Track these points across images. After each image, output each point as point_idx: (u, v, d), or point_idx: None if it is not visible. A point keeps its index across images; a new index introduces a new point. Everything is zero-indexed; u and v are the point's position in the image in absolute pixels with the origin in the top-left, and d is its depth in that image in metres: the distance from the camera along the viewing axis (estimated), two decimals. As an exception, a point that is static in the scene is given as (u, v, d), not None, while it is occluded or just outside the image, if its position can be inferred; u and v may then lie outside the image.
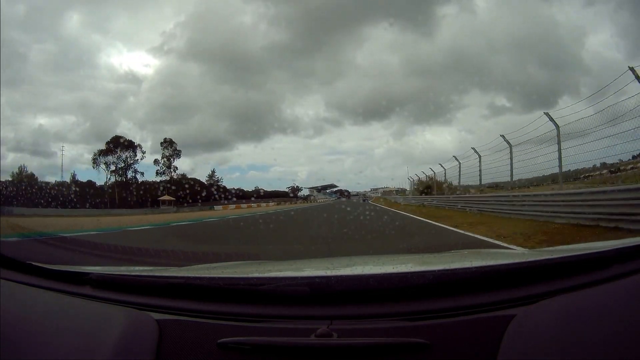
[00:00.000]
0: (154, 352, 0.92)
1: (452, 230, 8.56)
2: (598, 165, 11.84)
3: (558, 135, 10.42)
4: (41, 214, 20.84)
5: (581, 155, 10.14)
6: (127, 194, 36.23)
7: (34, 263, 1.38)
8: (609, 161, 11.02)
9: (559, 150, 10.43)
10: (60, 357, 0.89)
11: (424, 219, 12.15)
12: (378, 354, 0.87)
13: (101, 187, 38.49)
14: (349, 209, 17.24)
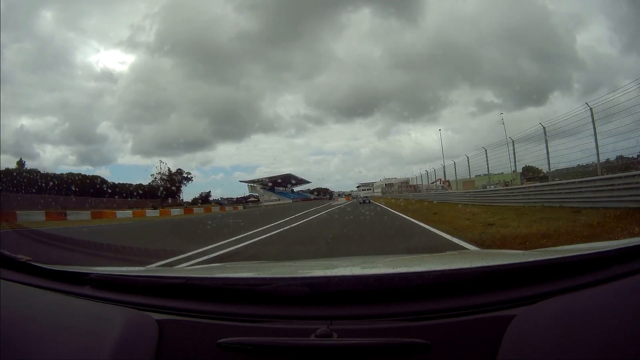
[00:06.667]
0: (154, 352, 0.93)
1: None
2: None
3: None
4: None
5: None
6: None
7: (33, 263, 1.38)
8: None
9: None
10: (60, 357, 0.89)
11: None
12: (378, 354, 0.87)
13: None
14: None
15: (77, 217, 24.27)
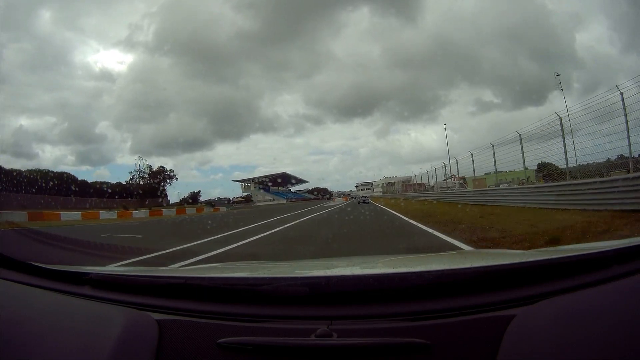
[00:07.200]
0: (154, 352, 0.92)
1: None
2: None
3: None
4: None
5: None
6: None
7: (33, 263, 1.38)
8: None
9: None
10: (60, 357, 0.89)
11: None
12: (378, 354, 0.87)
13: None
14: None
15: (9, 219, 19.93)
